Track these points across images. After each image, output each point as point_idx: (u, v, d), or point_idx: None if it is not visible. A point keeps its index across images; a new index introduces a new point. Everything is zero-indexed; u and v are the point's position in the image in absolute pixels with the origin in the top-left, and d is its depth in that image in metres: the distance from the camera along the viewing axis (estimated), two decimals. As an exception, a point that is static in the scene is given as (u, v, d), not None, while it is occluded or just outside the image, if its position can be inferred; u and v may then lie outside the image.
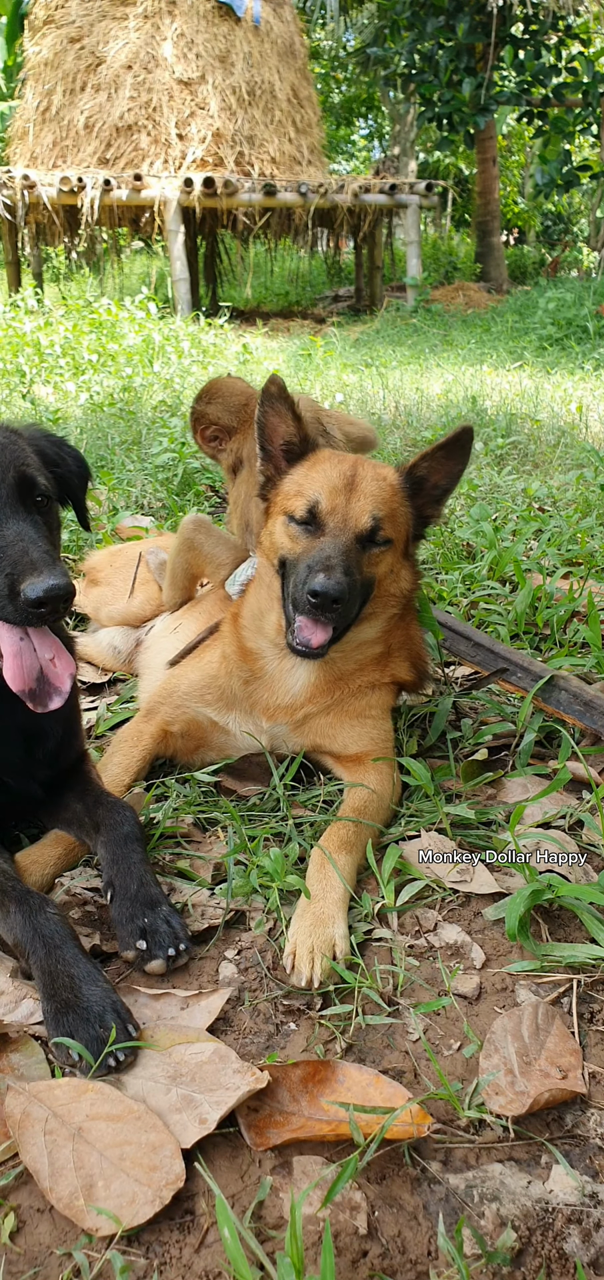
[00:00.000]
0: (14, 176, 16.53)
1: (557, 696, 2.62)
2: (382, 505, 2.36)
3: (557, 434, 7.22)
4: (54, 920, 1.82)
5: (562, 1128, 1.52)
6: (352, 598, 2.23)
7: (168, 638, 3.12)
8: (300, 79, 20.54)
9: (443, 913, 2.04)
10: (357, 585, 2.27)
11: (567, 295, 15.93)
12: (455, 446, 2.44)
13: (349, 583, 2.20)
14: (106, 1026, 1.62)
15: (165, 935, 1.87)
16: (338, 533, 2.31)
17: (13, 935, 1.83)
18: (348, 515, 2.34)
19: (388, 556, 2.40)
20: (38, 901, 1.86)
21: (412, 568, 2.53)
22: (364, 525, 2.33)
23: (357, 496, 2.36)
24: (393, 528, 2.39)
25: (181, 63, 18.49)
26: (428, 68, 20.03)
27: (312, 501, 2.37)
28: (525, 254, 28.88)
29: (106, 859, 2.05)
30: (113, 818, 2.12)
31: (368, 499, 2.35)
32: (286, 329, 18.58)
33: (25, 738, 2.22)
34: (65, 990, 1.68)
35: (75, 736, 2.39)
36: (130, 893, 1.95)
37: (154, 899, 1.94)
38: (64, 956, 1.74)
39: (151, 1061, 1.59)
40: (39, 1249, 1.33)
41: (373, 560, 2.36)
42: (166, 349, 11.94)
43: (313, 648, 2.27)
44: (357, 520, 2.33)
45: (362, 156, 40.97)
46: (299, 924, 1.91)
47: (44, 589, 1.86)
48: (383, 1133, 1.41)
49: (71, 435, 6.89)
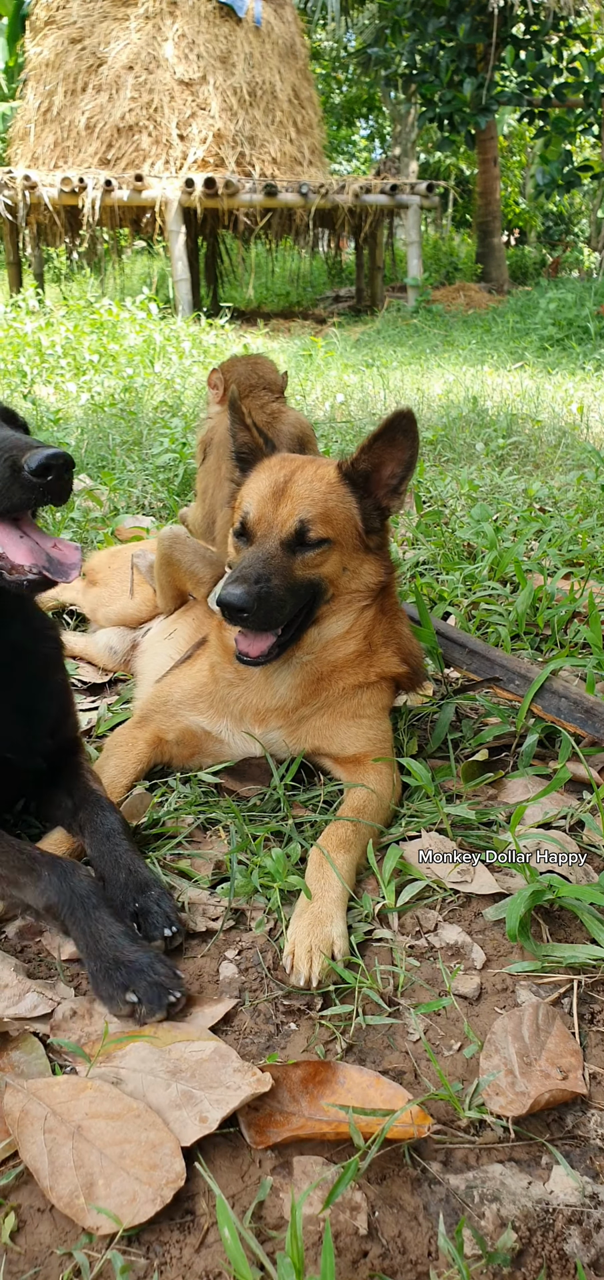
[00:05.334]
0: (15, 177, 16.53)
1: (556, 704, 2.61)
2: (313, 506, 2.35)
3: (558, 434, 7.22)
4: (87, 883, 1.88)
5: (562, 1128, 1.52)
6: (271, 605, 2.22)
7: (163, 642, 3.12)
8: (301, 79, 20.54)
9: (443, 913, 2.04)
10: (280, 591, 2.24)
11: (568, 296, 15.92)
12: (395, 432, 2.41)
13: (261, 591, 2.19)
14: (158, 973, 1.71)
15: (158, 916, 1.91)
16: (262, 541, 2.33)
17: (46, 898, 1.87)
18: (274, 522, 2.35)
19: (332, 555, 2.39)
20: (69, 865, 1.92)
21: (378, 560, 2.51)
22: (289, 530, 2.33)
23: (285, 502, 2.36)
24: (329, 527, 2.37)
25: (183, 63, 18.49)
26: (429, 68, 20.01)
27: (244, 513, 2.41)
28: (526, 254, 28.86)
29: (95, 856, 2.08)
30: (95, 818, 2.15)
31: (296, 503, 2.35)
32: (287, 329, 18.58)
33: (25, 714, 2.24)
34: (111, 949, 1.75)
35: (69, 715, 2.41)
36: (120, 881, 1.98)
37: (144, 882, 1.97)
38: (103, 917, 1.81)
39: (151, 1056, 1.59)
40: (39, 1248, 1.33)
41: (311, 562, 2.35)
42: (167, 349, 11.94)
43: (251, 657, 2.28)
44: (282, 526, 2.34)
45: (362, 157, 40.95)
46: (298, 924, 1.91)
47: (47, 455, 1.90)
48: (383, 1135, 1.41)
49: (72, 435, 6.89)
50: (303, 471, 2.43)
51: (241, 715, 2.53)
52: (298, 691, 2.48)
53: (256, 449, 2.60)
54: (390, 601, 2.61)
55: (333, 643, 2.48)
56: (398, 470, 2.47)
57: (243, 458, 2.62)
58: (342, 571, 2.43)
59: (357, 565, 2.46)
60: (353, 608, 2.49)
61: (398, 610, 2.66)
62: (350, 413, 8.29)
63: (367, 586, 2.49)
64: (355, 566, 2.46)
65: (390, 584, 2.58)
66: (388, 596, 2.59)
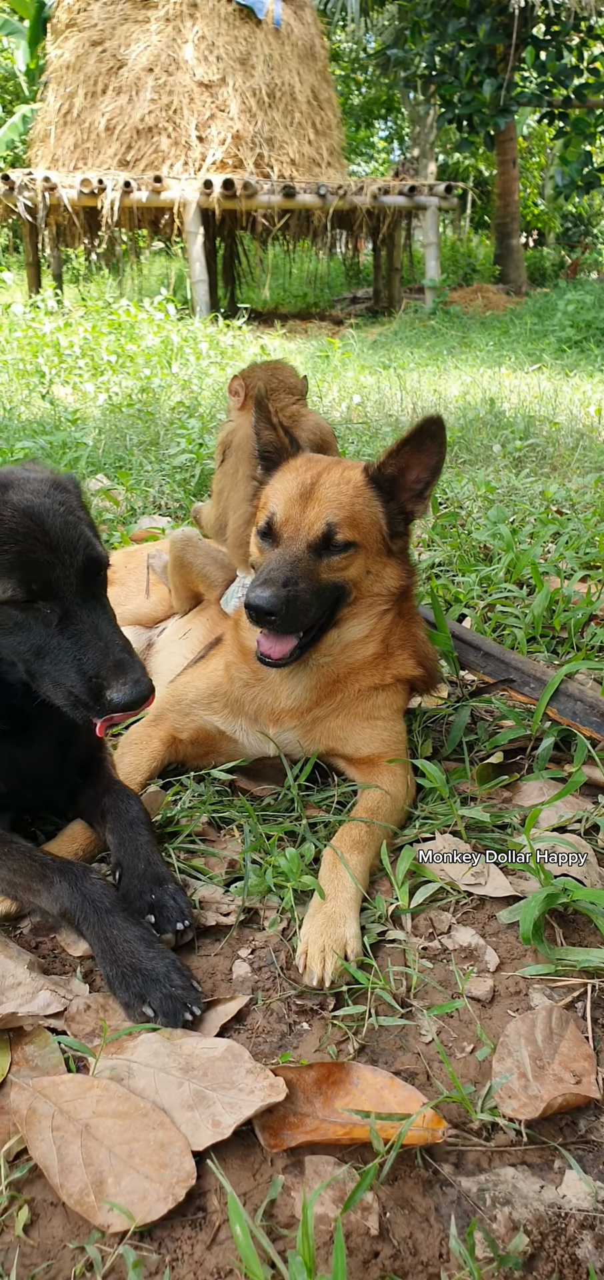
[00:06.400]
0: (35, 179, 16.64)
1: (572, 707, 2.59)
2: (340, 509, 2.35)
3: (575, 436, 7.19)
4: (99, 886, 1.87)
5: (575, 1132, 1.52)
6: (297, 608, 2.21)
7: (178, 641, 3.13)
8: (320, 81, 20.57)
9: (457, 915, 2.04)
10: (306, 594, 2.24)
11: (586, 297, 15.86)
12: (423, 438, 2.41)
13: (290, 594, 2.18)
14: (174, 984, 1.70)
15: (172, 910, 1.91)
16: (289, 544, 2.32)
17: (60, 904, 1.87)
18: (301, 524, 2.34)
19: (357, 559, 2.38)
20: (80, 870, 1.91)
21: (400, 564, 2.51)
22: (317, 533, 2.32)
23: (312, 504, 2.36)
24: (355, 530, 2.37)
25: (202, 65, 18.55)
26: (448, 69, 19.98)
27: (270, 514, 2.40)
28: (545, 256, 28.75)
29: (114, 843, 2.08)
30: (119, 804, 2.15)
31: (324, 505, 2.35)
32: (304, 330, 18.60)
33: (59, 745, 2.24)
34: (126, 955, 1.74)
35: (92, 733, 2.40)
36: (138, 871, 1.99)
37: (161, 876, 1.97)
38: (116, 921, 1.80)
39: (163, 1050, 1.59)
40: (52, 1242, 1.33)
41: (336, 565, 2.35)
42: (185, 350, 11.98)
43: (274, 659, 2.28)
44: (309, 529, 2.33)
45: (381, 158, 40.95)
46: (311, 924, 1.91)
47: (133, 696, 1.86)
48: (400, 1141, 1.41)
49: (90, 435, 6.92)
50: (330, 474, 2.42)
51: (256, 715, 2.54)
52: (313, 693, 2.48)
53: (281, 448, 2.59)
54: (408, 605, 2.61)
55: (352, 645, 2.48)
56: (424, 475, 2.47)
57: (267, 457, 2.60)
58: (365, 575, 2.42)
59: (379, 569, 2.46)
60: (373, 611, 2.48)
61: (415, 613, 2.66)
62: (367, 414, 8.29)
63: (388, 590, 2.49)
64: (378, 570, 2.45)
65: (410, 588, 2.58)
66: (406, 600, 2.59)
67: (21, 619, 1.89)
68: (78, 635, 1.89)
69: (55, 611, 1.89)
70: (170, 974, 1.72)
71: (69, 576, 1.90)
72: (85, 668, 1.88)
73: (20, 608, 1.88)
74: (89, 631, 1.90)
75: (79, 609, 1.91)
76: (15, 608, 1.88)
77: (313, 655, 2.43)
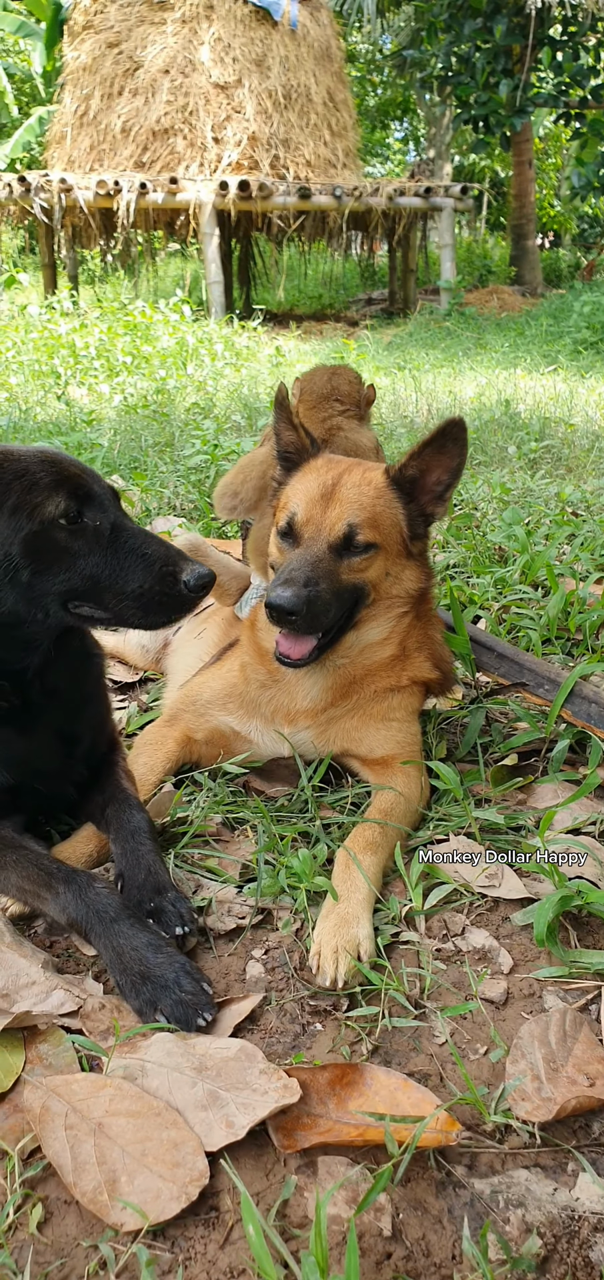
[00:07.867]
0: (51, 180, 16.73)
1: (587, 709, 2.58)
2: (361, 510, 2.34)
3: (591, 438, 7.16)
4: (104, 894, 1.87)
5: (588, 1135, 1.51)
6: (318, 609, 2.21)
7: (193, 642, 3.13)
8: (336, 82, 20.58)
9: (471, 917, 2.04)
10: (327, 595, 2.24)
11: (602, 299, 15.78)
12: (445, 440, 2.40)
13: (310, 594, 2.18)
14: (185, 990, 1.69)
15: (172, 915, 1.90)
16: (310, 544, 2.31)
17: (67, 914, 1.88)
18: (322, 525, 2.34)
19: (377, 560, 2.38)
20: (85, 879, 1.91)
21: (419, 566, 2.51)
22: (338, 534, 2.32)
23: (333, 505, 2.35)
24: (377, 532, 2.36)
25: (218, 67, 18.60)
26: (465, 70, 19.95)
27: (290, 514, 2.40)
28: (561, 257, 28.63)
29: (117, 852, 2.09)
30: (121, 815, 2.16)
31: (345, 506, 2.34)
32: (319, 332, 18.61)
33: (64, 741, 2.25)
34: (135, 963, 1.74)
35: (102, 733, 2.41)
36: (138, 881, 1.99)
37: (162, 884, 1.98)
38: (123, 929, 1.80)
39: (176, 1049, 1.59)
40: (65, 1240, 1.34)
41: (356, 567, 2.35)
42: (200, 351, 12.01)
43: (292, 659, 2.28)
44: (330, 529, 2.33)
45: (397, 160, 40.91)
46: (324, 925, 1.91)
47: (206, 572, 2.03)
48: (414, 1144, 1.40)
49: (105, 436, 6.95)
50: (351, 475, 2.42)
51: (272, 716, 2.54)
52: (329, 693, 2.48)
53: (302, 449, 2.58)
54: (426, 607, 2.61)
55: (370, 647, 2.48)
56: (444, 477, 2.47)
57: (287, 457, 2.60)
58: (385, 576, 2.42)
59: (399, 571, 2.45)
60: (392, 613, 2.48)
61: (432, 616, 2.65)
62: (382, 415, 8.28)
63: (407, 592, 2.48)
64: (398, 572, 2.45)
65: (428, 590, 2.58)
66: (424, 602, 2.58)
67: (70, 542, 1.97)
68: (133, 538, 2.03)
69: (105, 524, 2.00)
70: (180, 979, 1.71)
71: (106, 492, 2.05)
72: (153, 562, 2.00)
73: (71, 524, 1.96)
74: (141, 535, 2.04)
75: (124, 519, 2.05)
76: (67, 522, 1.96)
77: (330, 656, 2.43)
